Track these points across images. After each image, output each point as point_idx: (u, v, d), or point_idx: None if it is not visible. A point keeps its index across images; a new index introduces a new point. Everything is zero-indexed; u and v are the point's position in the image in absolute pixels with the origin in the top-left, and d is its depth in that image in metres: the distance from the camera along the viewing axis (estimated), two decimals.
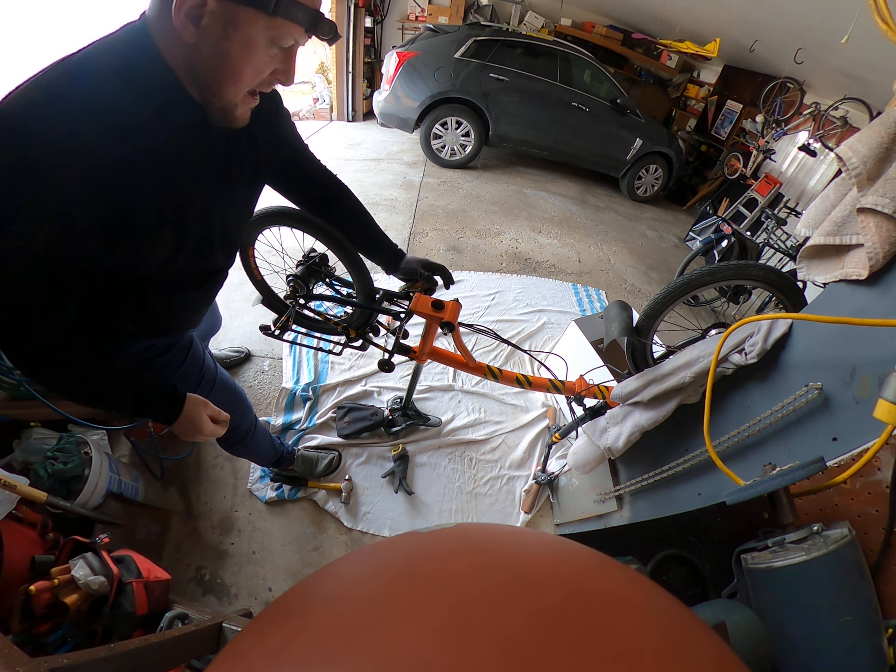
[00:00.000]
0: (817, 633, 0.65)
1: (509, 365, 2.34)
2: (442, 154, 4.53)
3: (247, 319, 2.31)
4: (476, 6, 5.73)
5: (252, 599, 1.39)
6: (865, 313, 0.82)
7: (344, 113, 6.00)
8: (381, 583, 0.29)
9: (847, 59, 2.99)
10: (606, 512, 1.53)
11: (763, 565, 0.72)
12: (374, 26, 5.86)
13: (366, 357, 2.16)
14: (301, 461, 1.63)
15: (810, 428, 0.90)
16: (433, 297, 1.22)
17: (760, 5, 3.17)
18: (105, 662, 0.66)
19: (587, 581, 0.29)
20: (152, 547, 1.39)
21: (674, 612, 0.30)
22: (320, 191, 1.11)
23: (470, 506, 1.74)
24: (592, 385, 1.45)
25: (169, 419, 0.83)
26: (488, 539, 0.34)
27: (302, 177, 1.07)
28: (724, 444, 1.07)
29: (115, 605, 0.96)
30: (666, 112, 5.99)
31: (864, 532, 0.75)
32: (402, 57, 4.11)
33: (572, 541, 0.36)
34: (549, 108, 4.47)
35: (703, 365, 1.12)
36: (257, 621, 0.32)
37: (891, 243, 0.78)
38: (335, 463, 1.70)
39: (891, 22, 0.88)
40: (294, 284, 1.33)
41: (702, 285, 1.25)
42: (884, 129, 0.81)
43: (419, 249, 3.10)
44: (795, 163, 4.12)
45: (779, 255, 3.13)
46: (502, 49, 4.24)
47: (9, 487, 0.96)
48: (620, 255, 3.70)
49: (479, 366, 1.41)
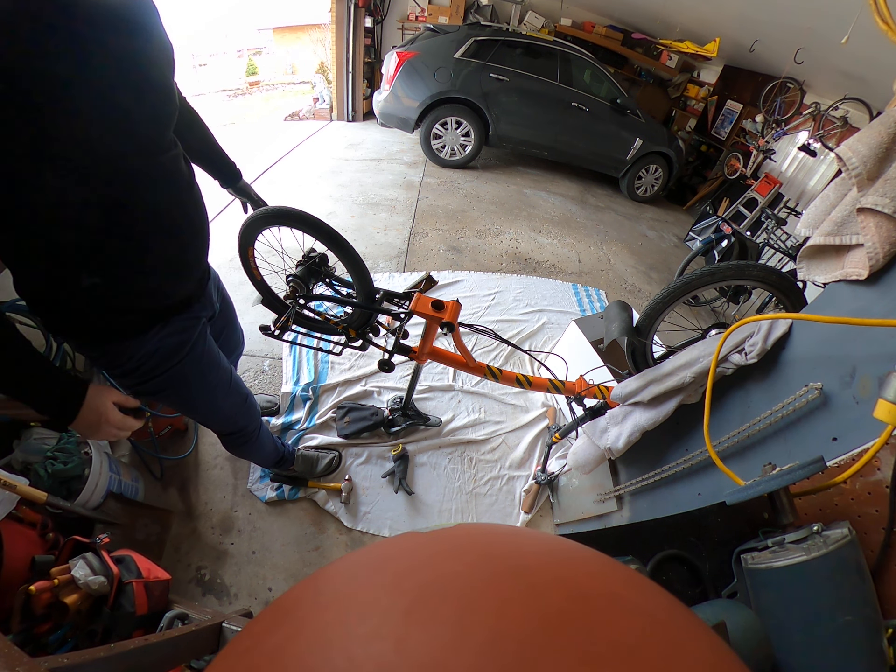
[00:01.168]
0: (817, 633, 0.65)
1: (509, 365, 2.34)
2: (442, 154, 4.53)
3: (247, 319, 2.31)
4: (476, 6, 5.73)
5: (252, 599, 1.39)
6: (865, 313, 0.82)
7: (344, 113, 6.00)
8: (380, 583, 0.29)
9: (847, 58, 2.99)
10: (606, 512, 1.53)
11: (763, 565, 0.72)
12: (374, 26, 5.86)
13: (366, 357, 2.16)
14: (301, 461, 1.63)
15: (810, 428, 0.90)
16: (433, 298, 1.22)
17: (760, 5, 3.17)
18: (105, 662, 0.66)
19: (587, 581, 0.29)
20: (152, 547, 1.39)
21: (674, 612, 0.30)
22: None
23: (470, 506, 1.74)
24: (592, 385, 1.45)
25: (65, 412, 0.70)
26: (488, 539, 0.34)
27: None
28: (724, 444, 1.07)
29: (115, 605, 0.96)
30: (666, 112, 5.99)
31: (864, 532, 0.75)
32: (402, 57, 4.11)
33: (572, 541, 0.36)
34: (549, 108, 4.47)
35: (703, 365, 1.12)
36: (257, 621, 0.32)
37: (891, 243, 0.78)
38: (335, 463, 1.70)
39: (891, 22, 0.88)
40: (294, 284, 1.33)
41: (702, 285, 1.25)
42: (884, 129, 0.81)
43: (419, 249, 3.10)
44: (795, 163, 4.12)
45: (779, 255, 3.13)
46: (502, 49, 4.24)
47: (9, 487, 0.96)
48: (620, 255, 3.70)
49: (479, 366, 1.41)
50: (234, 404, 1.16)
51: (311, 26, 14.57)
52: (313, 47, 12.93)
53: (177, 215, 0.82)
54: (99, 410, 0.73)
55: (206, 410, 1.14)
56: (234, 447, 1.32)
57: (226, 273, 2.65)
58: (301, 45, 15.18)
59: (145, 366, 0.88)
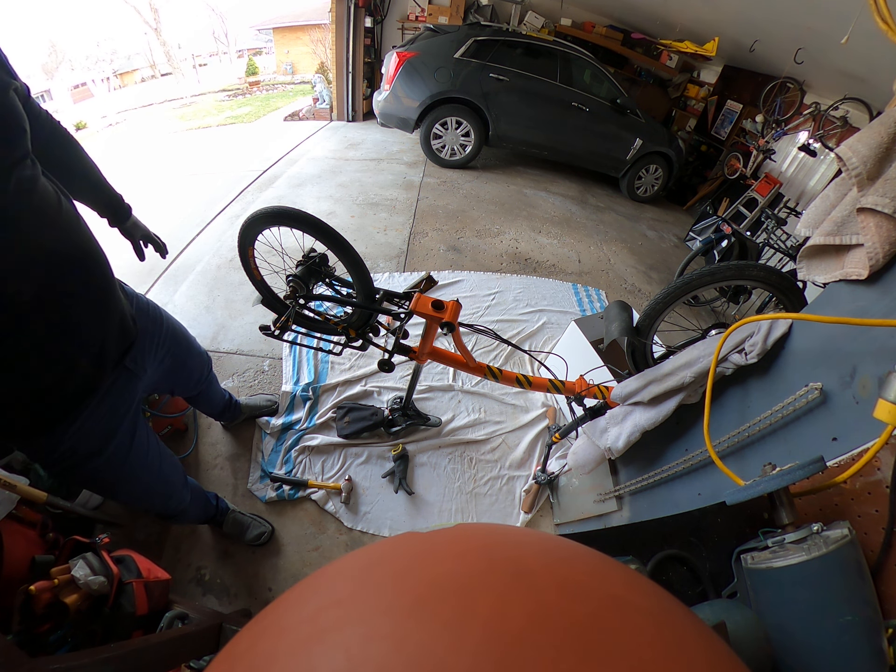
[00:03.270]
0: (817, 633, 0.65)
1: (509, 365, 2.34)
2: (442, 154, 4.53)
3: (247, 319, 2.31)
4: (476, 6, 5.73)
5: (252, 599, 1.39)
6: (865, 313, 0.82)
7: (344, 113, 6.00)
8: (380, 583, 0.29)
9: (847, 58, 2.99)
10: (606, 512, 1.53)
11: (763, 565, 0.72)
12: (374, 26, 5.86)
13: (366, 357, 2.16)
14: (231, 523, 1.48)
15: (810, 428, 0.89)
16: (433, 298, 1.22)
17: (760, 5, 3.16)
18: (105, 662, 0.66)
19: (587, 581, 0.29)
20: (152, 547, 1.39)
21: (674, 612, 0.30)
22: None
23: (470, 506, 1.74)
24: (592, 385, 1.45)
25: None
26: (488, 539, 0.34)
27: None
28: (724, 444, 1.07)
29: (115, 605, 0.96)
30: (666, 112, 5.99)
31: (864, 532, 0.75)
32: (402, 57, 4.11)
33: (572, 541, 0.36)
34: (549, 108, 4.47)
35: (703, 365, 1.12)
36: (257, 621, 0.32)
37: (891, 243, 0.78)
38: (265, 538, 1.50)
39: (891, 22, 0.88)
40: (294, 284, 1.33)
41: (702, 285, 1.25)
42: (884, 129, 0.81)
43: (419, 249, 3.10)
44: (795, 163, 4.12)
45: (779, 255, 3.13)
46: (502, 49, 4.24)
47: (9, 487, 0.96)
48: (620, 255, 3.70)
49: (479, 366, 1.41)
50: (137, 492, 1.05)
51: (311, 26, 14.59)
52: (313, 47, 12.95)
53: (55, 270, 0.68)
54: None
55: (135, 499, 1.08)
56: (165, 520, 1.26)
57: (226, 273, 2.65)
58: (301, 45, 15.19)
59: (67, 461, 0.82)
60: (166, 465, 1.08)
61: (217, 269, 2.69)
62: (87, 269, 0.77)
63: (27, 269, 0.67)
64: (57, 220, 0.72)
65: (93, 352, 0.80)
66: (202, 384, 1.35)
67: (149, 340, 1.00)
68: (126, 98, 13.64)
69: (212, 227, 3.18)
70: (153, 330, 1.02)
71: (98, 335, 0.81)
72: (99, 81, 17.86)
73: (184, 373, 1.23)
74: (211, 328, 2.25)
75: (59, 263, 0.71)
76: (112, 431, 0.87)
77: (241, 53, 22.82)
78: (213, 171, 4.31)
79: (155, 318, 1.05)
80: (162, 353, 1.05)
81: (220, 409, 1.63)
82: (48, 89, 16.30)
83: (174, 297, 2.43)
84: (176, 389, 1.29)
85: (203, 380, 1.35)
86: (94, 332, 0.80)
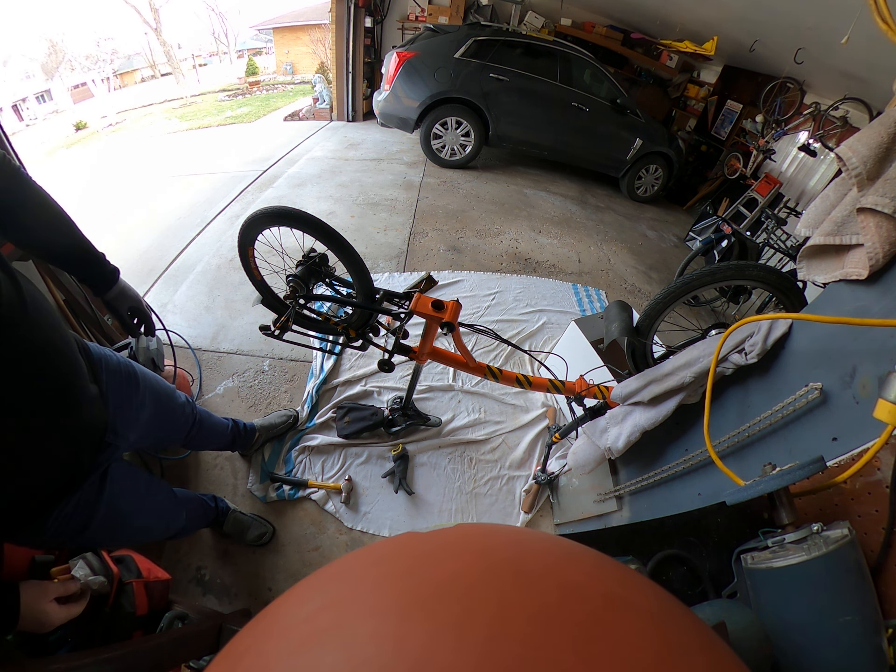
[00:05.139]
0: (817, 633, 0.65)
1: (509, 365, 2.34)
2: (442, 154, 4.53)
3: (247, 319, 2.31)
4: (476, 6, 5.73)
5: (252, 599, 1.39)
6: (865, 313, 0.82)
7: (344, 113, 6.01)
8: (380, 583, 0.29)
9: (847, 58, 2.99)
10: (606, 512, 1.53)
11: (763, 565, 0.72)
12: (374, 26, 5.86)
13: (366, 357, 2.16)
14: (232, 523, 1.47)
15: (810, 428, 0.89)
16: (433, 298, 1.22)
17: (760, 5, 3.17)
18: (105, 662, 0.66)
19: (587, 581, 0.29)
20: (152, 547, 1.39)
21: (674, 612, 0.30)
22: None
23: (470, 506, 1.74)
24: (592, 385, 1.45)
25: (3, 624, 0.66)
26: (488, 539, 0.34)
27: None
28: (723, 444, 1.07)
29: (115, 605, 0.96)
30: (666, 112, 5.99)
31: (864, 532, 0.75)
32: (402, 57, 4.11)
33: (572, 541, 0.36)
34: (549, 108, 4.47)
35: (703, 365, 1.12)
36: (257, 621, 0.32)
37: (891, 243, 0.78)
38: (267, 538, 1.51)
39: (891, 22, 0.88)
40: (294, 284, 1.33)
41: (702, 285, 1.25)
42: (884, 129, 0.81)
43: (419, 249, 3.10)
44: (795, 163, 4.12)
45: (779, 255, 3.13)
46: (502, 49, 4.24)
47: None
48: (620, 255, 3.70)
49: (479, 366, 1.41)
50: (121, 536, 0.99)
51: (311, 26, 14.59)
52: (313, 47, 12.96)
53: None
54: (38, 619, 0.70)
55: (136, 539, 1.06)
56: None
57: (226, 273, 2.65)
58: (301, 45, 15.20)
59: (56, 541, 0.80)
60: (158, 497, 1.05)
61: (217, 269, 2.69)
62: (49, 373, 0.67)
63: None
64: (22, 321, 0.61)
65: (65, 463, 0.74)
66: (194, 429, 1.26)
67: (127, 406, 0.90)
68: (126, 98, 13.66)
69: (212, 227, 3.18)
70: (130, 393, 0.92)
71: (69, 448, 0.74)
72: (99, 81, 17.88)
73: (170, 426, 1.15)
74: (211, 328, 2.25)
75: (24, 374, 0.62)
76: (95, 505, 0.82)
77: (241, 53, 22.84)
78: (213, 171, 4.31)
79: (129, 378, 0.93)
80: (145, 414, 0.97)
81: (228, 441, 1.53)
82: (48, 89, 16.31)
83: (174, 297, 2.43)
84: (165, 442, 1.28)
85: (195, 424, 1.25)
86: (62, 447, 0.72)
